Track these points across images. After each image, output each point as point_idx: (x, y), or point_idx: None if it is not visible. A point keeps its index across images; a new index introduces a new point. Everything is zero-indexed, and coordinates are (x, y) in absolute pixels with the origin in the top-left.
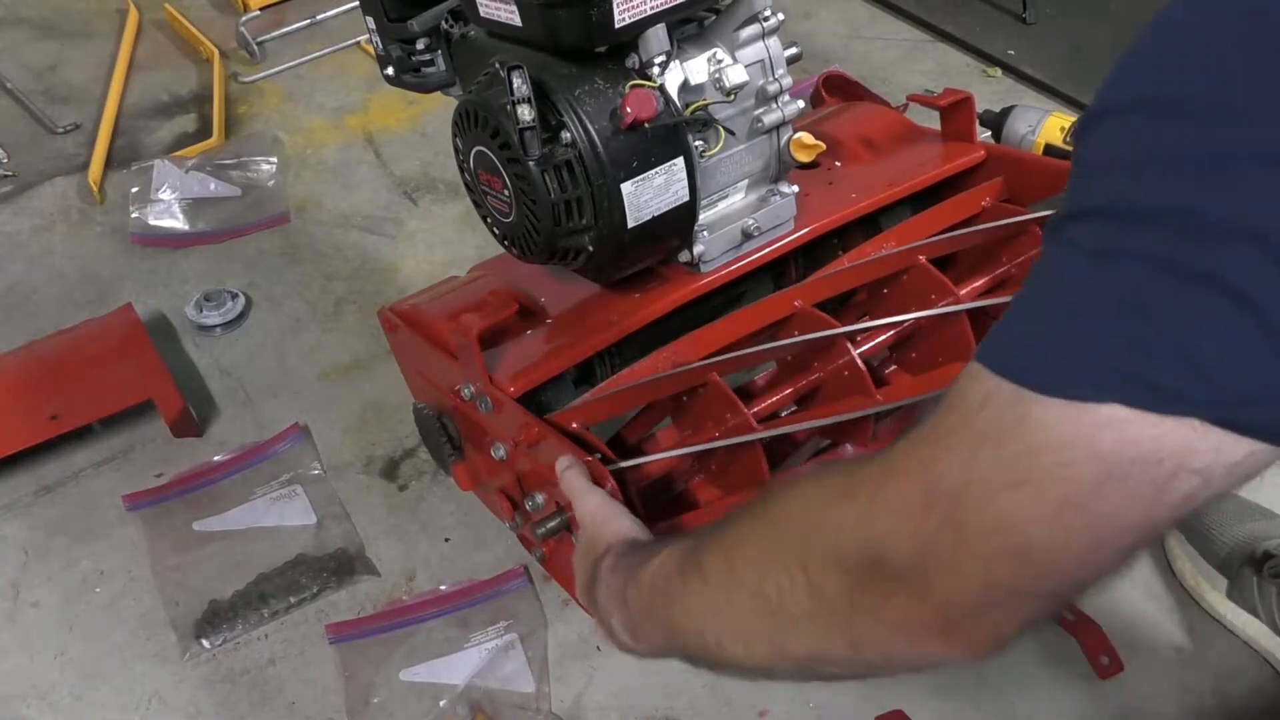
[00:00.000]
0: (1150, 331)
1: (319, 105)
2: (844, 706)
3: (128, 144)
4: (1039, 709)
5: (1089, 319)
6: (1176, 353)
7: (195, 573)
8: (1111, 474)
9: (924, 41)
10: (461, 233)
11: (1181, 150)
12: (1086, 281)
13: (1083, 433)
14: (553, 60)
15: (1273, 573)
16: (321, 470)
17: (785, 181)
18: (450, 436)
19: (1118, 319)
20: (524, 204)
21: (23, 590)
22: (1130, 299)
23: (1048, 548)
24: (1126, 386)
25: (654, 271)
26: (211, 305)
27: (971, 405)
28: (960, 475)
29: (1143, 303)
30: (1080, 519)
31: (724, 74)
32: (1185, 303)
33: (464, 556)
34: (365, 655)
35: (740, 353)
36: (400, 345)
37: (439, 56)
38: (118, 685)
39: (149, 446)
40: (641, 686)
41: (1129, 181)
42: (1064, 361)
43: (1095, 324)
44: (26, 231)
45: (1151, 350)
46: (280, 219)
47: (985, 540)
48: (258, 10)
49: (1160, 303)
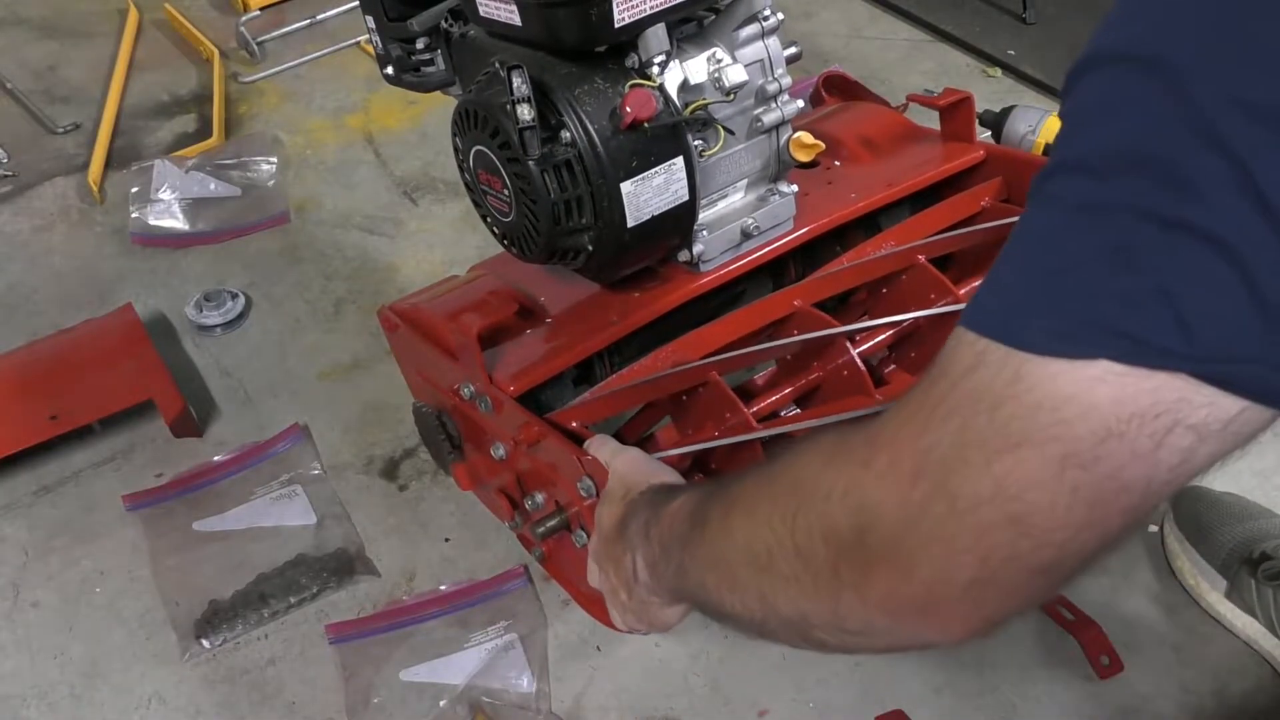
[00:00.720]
0: (1135, 285)
1: (319, 105)
2: (844, 706)
3: (128, 144)
4: (1039, 709)
5: (1075, 274)
6: (1162, 306)
7: (195, 573)
8: (1111, 430)
9: (924, 41)
10: (461, 233)
11: (1163, 102)
12: (1070, 236)
13: (1080, 389)
14: (552, 60)
15: (1267, 574)
16: (321, 470)
17: (785, 181)
18: (450, 436)
19: (1103, 273)
20: (524, 203)
21: (23, 590)
22: (1114, 252)
23: (1049, 512)
24: (1116, 341)
25: (653, 271)
26: (211, 305)
27: (961, 370)
28: (953, 442)
29: (1127, 255)
30: (1084, 476)
31: (723, 73)
32: (1169, 254)
33: (464, 556)
34: (365, 655)
35: (740, 352)
36: (400, 345)
37: (439, 56)
38: (118, 685)
39: (149, 446)
40: (641, 686)
41: (1108, 132)
42: (1052, 319)
43: (1081, 279)
44: (26, 231)
45: (1137, 303)
46: (280, 219)
47: (980, 510)
48: (258, 10)
49: (1144, 255)
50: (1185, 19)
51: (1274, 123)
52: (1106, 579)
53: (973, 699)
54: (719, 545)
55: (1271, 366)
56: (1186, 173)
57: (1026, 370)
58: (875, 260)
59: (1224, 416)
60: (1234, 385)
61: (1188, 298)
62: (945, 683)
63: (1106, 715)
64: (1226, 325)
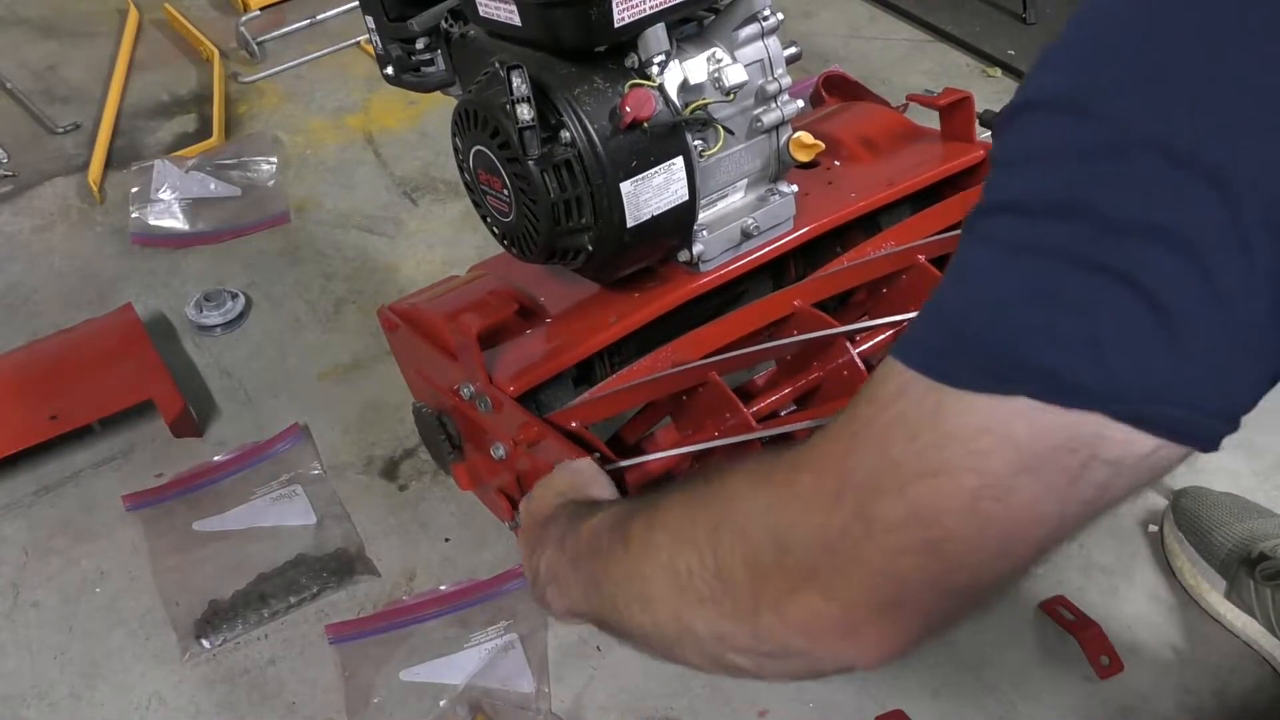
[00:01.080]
0: (1057, 324)
1: (319, 105)
2: (844, 706)
3: (128, 144)
4: (1039, 709)
5: (999, 311)
6: (1081, 346)
7: (195, 573)
8: (1026, 464)
9: (924, 41)
10: (461, 233)
11: (1085, 146)
12: (996, 274)
13: (996, 423)
14: (552, 60)
15: (1265, 574)
16: (321, 470)
17: (784, 181)
18: (450, 436)
19: (1025, 311)
20: (523, 203)
21: (23, 590)
22: (1039, 292)
23: (962, 539)
24: (1034, 379)
25: (653, 271)
26: (211, 305)
27: (885, 398)
28: (872, 467)
29: (1049, 295)
30: (996, 509)
31: (723, 73)
32: (1089, 296)
33: (464, 556)
34: (365, 655)
35: (740, 352)
36: (400, 345)
37: (438, 56)
38: (118, 685)
39: (149, 446)
40: (641, 686)
41: (1038, 176)
42: (974, 354)
43: (1005, 316)
44: (26, 231)
45: (1058, 343)
46: (280, 219)
47: (896, 534)
48: (258, 10)
49: (1065, 295)
50: (1114, 67)
51: (1196, 169)
52: (1106, 579)
53: (973, 699)
54: (638, 561)
55: (1186, 407)
56: (1112, 218)
57: (947, 403)
58: (875, 260)
59: (1140, 452)
60: (1149, 424)
61: (1107, 339)
62: (945, 683)
63: (1106, 715)
64: (1144, 367)
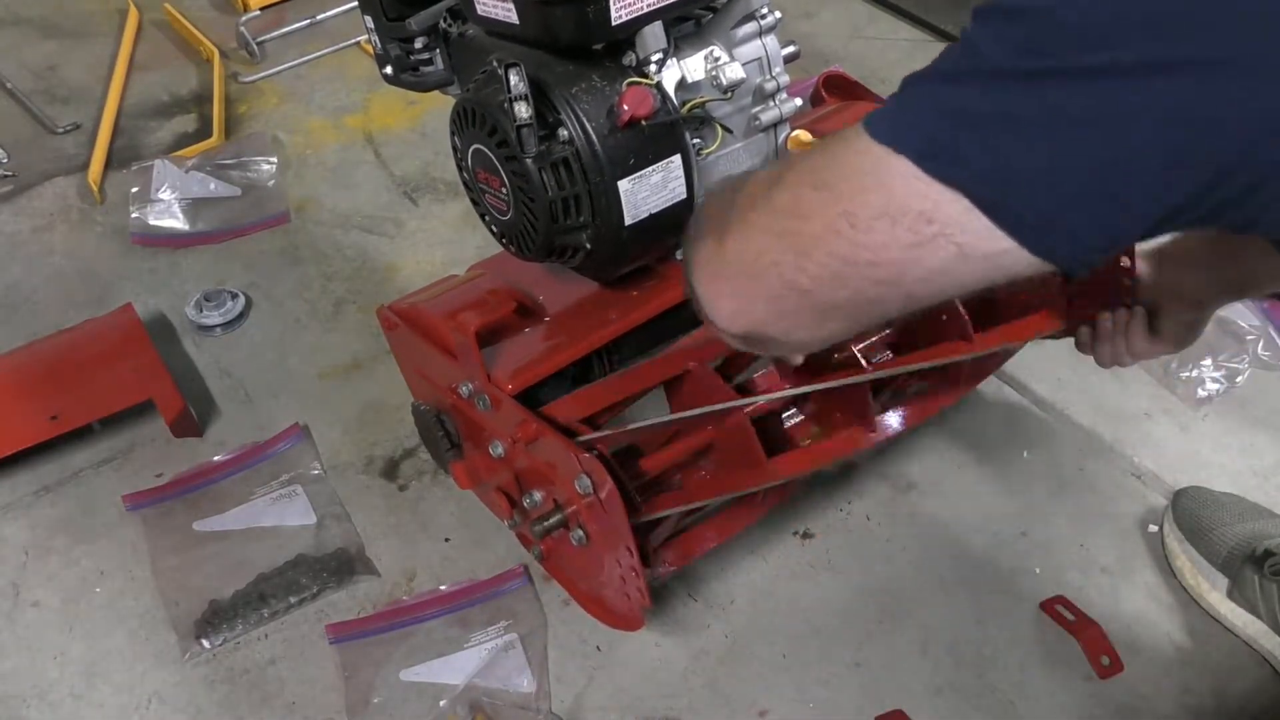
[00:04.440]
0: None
1: (319, 105)
2: (844, 706)
3: (128, 144)
4: (1039, 709)
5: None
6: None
7: (195, 573)
8: (888, 210)
9: (924, 41)
10: (461, 232)
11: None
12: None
13: (881, 169)
14: (550, 58)
15: (1273, 570)
16: (321, 470)
17: None
18: (449, 435)
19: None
20: (522, 202)
21: (23, 590)
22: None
23: (812, 242)
24: (920, 144)
25: (652, 269)
26: (211, 305)
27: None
28: (791, 172)
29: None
30: (849, 233)
31: (721, 71)
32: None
33: (464, 556)
34: (365, 655)
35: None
36: (399, 344)
37: (437, 55)
38: (118, 685)
39: (149, 446)
40: (641, 686)
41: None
42: (893, 115)
43: (937, 97)
44: (26, 231)
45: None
46: (280, 219)
47: (775, 217)
48: (258, 10)
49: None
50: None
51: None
52: (1106, 579)
53: (973, 699)
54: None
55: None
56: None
57: (858, 143)
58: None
59: (989, 250)
60: (1005, 220)
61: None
62: (945, 683)
63: (1106, 715)
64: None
